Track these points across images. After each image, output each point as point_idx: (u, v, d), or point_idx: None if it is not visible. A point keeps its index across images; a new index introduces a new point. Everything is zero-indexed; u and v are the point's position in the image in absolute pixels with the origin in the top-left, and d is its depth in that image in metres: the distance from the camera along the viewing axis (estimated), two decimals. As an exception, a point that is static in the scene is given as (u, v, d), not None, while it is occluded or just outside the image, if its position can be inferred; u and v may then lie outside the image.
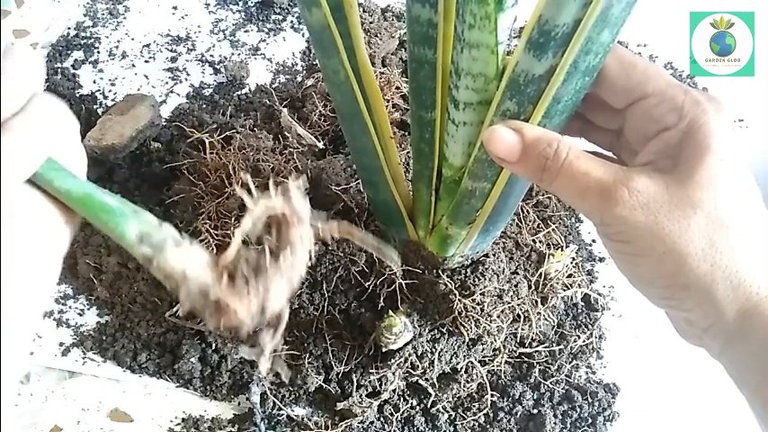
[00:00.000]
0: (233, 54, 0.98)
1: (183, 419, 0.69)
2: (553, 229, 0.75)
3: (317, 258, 0.67)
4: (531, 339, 0.71)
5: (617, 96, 0.44)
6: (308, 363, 0.67)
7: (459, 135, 0.49)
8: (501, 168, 0.49)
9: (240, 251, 0.39)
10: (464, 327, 0.64)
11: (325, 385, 0.67)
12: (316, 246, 0.56)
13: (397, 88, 0.86)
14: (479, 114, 0.46)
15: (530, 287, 0.70)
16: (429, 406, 0.69)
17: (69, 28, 0.99)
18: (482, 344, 0.66)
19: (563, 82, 0.40)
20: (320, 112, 0.84)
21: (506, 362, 0.72)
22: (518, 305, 0.67)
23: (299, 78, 0.95)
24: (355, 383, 0.67)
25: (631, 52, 0.44)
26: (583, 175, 0.41)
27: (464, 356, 0.67)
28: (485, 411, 0.69)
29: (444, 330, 0.65)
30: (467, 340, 0.65)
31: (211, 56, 0.97)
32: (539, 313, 0.69)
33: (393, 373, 0.66)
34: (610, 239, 0.43)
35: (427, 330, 0.65)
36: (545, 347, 0.72)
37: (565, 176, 0.41)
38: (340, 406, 0.67)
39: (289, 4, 1.03)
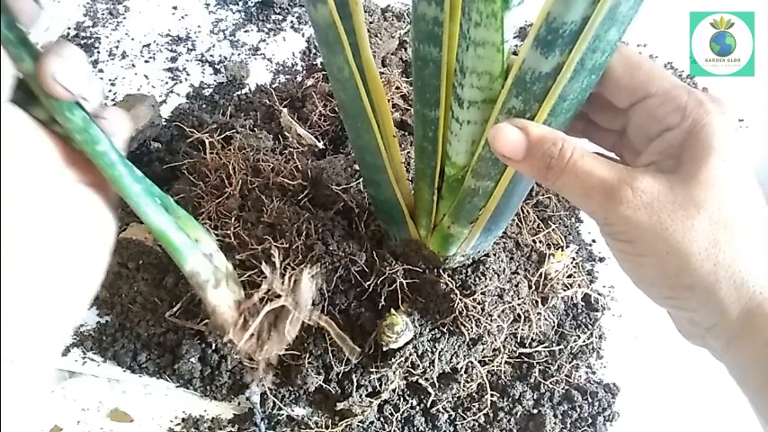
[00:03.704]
0: (233, 54, 0.98)
1: (183, 419, 0.68)
2: (553, 230, 0.76)
3: (317, 258, 0.67)
4: (531, 339, 0.71)
5: (621, 96, 0.44)
6: (308, 363, 0.67)
7: (462, 133, 0.49)
8: (505, 167, 0.49)
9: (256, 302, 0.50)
10: (465, 326, 0.64)
11: (325, 385, 0.67)
12: (317, 243, 0.67)
13: (397, 88, 0.86)
14: (483, 113, 0.46)
15: (530, 287, 0.70)
16: (429, 406, 0.69)
17: (69, 28, 0.99)
18: (482, 344, 0.66)
19: (570, 80, 0.40)
20: (320, 112, 0.84)
21: (506, 362, 0.72)
22: (518, 305, 0.67)
23: (299, 78, 0.95)
24: (355, 383, 0.66)
25: (636, 52, 0.44)
26: (587, 175, 0.41)
27: (464, 356, 0.67)
28: (485, 411, 0.68)
29: (445, 330, 0.65)
30: (467, 340, 0.65)
31: (211, 56, 0.97)
32: (539, 313, 0.69)
33: (393, 373, 0.66)
34: (613, 239, 0.43)
35: (428, 330, 0.65)
36: (545, 347, 0.72)
37: (569, 175, 0.41)
38: (340, 406, 0.66)
39: (289, 4, 1.03)
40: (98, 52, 0.97)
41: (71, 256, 0.41)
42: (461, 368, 0.68)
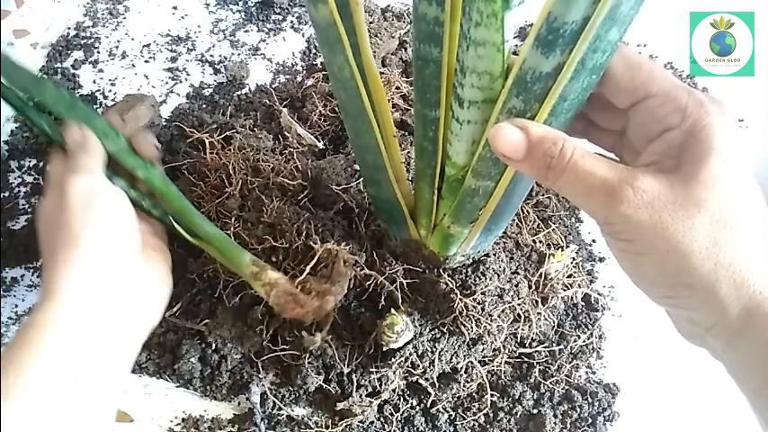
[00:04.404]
0: (233, 54, 0.98)
1: (183, 419, 0.68)
2: (553, 230, 0.76)
3: (317, 259, 0.67)
4: (531, 339, 0.71)
5: (621, 96, 0.44)
6: (308, 363, 0.67)
7: (463, 133, 0.49)
8: (505, 167, 0.49)
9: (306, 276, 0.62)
10: (465, 326, 0.64)
11: (325, 385, 0.67)
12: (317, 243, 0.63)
13: (397, 88, 0.86)
14: (484, 113, 0.46)
15: (530, 287, 0.70)
16: (429, 406, 0.69)
17: (69, 28, 0.98)
18: (482, 343, 0.66)
19: (570, 80, 0.40)
20: (320, 112, 0.84)
21: (506, 362, 0.72)
22: (518, 305, 0.67)
23: (299, 78, 0.95)
24: (355, 383, 0.66)
25: (637, 52, 0.44)
26: (587, 174, 0.41)
27: (464, 356, 0.67)
28: (485, 411, 0.68)
29: (445, 330, 0.65)
30: (467, 340, 0.65)
31: (211, 56, 0.97)
32: (539, 313, 0.69)
33: (393, 373, 0.66)
34: (614, 238, 0.43)
35: (428, 330, 0.65)
36: (545, 347, 0.72)
37: (569, 175, 0.41)
38: (340, 406, 0.66)
39: (289, 4, 1.03)
40: (98, 52, 0.97)
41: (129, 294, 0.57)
42: (461, 368, 0.68)
